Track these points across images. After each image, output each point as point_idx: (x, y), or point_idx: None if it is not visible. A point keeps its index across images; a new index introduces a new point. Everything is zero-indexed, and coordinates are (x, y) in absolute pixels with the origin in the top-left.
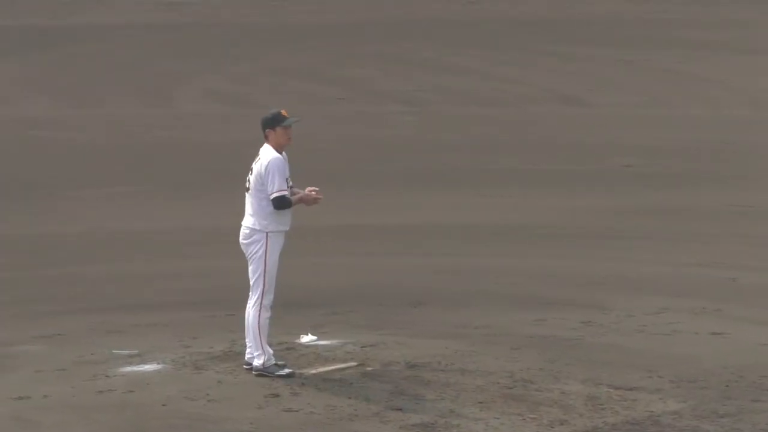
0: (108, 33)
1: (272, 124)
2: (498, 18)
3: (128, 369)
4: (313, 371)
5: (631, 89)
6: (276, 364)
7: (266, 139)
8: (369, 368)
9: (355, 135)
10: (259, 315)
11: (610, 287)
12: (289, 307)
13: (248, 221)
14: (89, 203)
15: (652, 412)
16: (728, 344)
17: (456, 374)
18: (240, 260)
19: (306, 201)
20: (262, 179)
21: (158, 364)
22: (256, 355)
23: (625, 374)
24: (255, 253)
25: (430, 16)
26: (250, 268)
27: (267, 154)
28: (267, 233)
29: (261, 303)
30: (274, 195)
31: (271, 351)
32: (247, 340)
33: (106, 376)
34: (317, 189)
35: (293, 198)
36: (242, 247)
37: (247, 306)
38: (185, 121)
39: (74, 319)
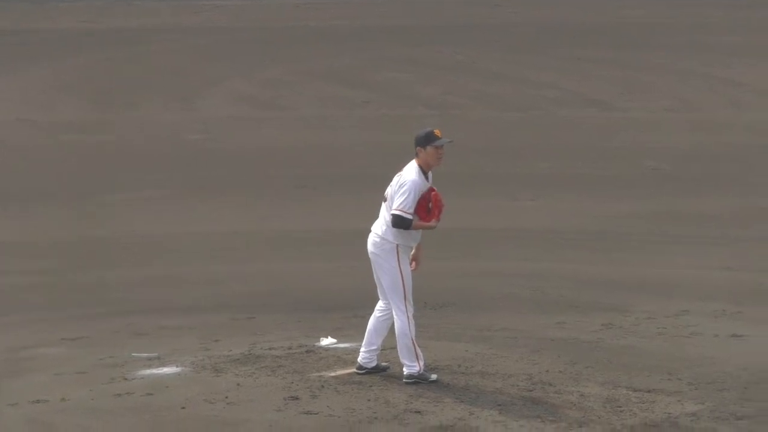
0: (139, 37)
1: (424, 142)
2: (527, 23)
3: (147, 372)
4: (333, 374)
5: (660, 93)
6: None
7: (416, 156)
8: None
9: (379, 138)
10: (409, 325)
11: (631, 290)
12: (309, 310)
13: (380, 230)
14: (119, 207)
15: (670, 414)
16: (748, 347)
17: (476, 377)
18: (263, 264)
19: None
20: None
21: (178, 367)
22: (410, 364)
23: (644, 376)
24: (388, 264)
25: (460, 20)
26: (385, 280)
27: (410, 172)
28: (397, 245)
29: (407, 313)
30: (397, 213)
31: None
32: (399, 351)
33: (125, 379)
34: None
35: (420, 224)
36: (370, 255)
37: (382, 315)
38: (214, 125)
39: (101, 322)
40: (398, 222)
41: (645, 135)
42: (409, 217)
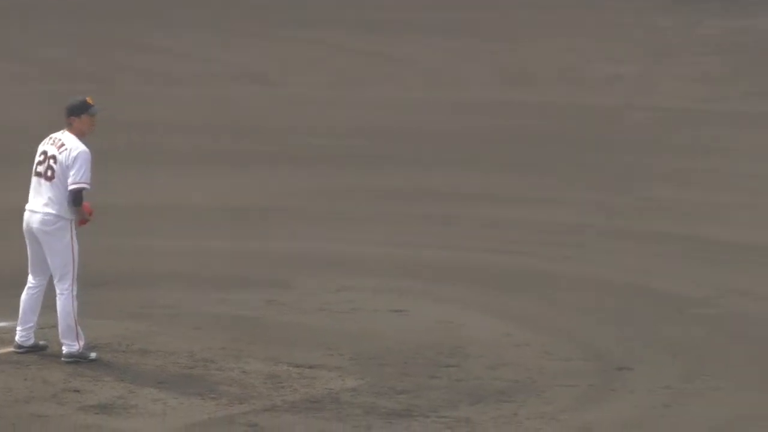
0: None
1: (79, 111)
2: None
3: None
4: None
5: (323, 70)
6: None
7: (69, 127)
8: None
9: (32, 114)
10: (73, 304)
11: (293, 266)
12: None
13: (51, 208)
14: None
15: (331, 389)
16: (408, 321)
17: (136, 355)
18: None
19: (80, 218)
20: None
21: None
22: (70, 343)
23: (305, 352)
24: (60, 242)
25: None
26: (56, 259)
27: (75, 144)
28: (71, 221)
29: (73, 292)
30: (78, 186)
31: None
32: (60, 330)
33: None
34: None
35: (84, 208)
36: (38, 234)
37: (35, 293)
38: None
39: None
40: (77, 196)
41: (307, 110)
42: (90, 188)
